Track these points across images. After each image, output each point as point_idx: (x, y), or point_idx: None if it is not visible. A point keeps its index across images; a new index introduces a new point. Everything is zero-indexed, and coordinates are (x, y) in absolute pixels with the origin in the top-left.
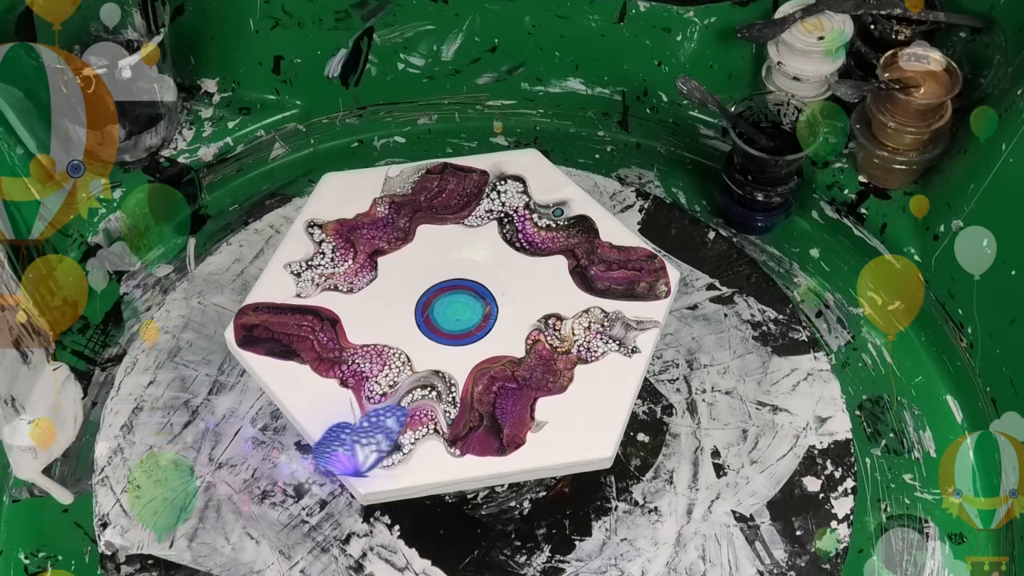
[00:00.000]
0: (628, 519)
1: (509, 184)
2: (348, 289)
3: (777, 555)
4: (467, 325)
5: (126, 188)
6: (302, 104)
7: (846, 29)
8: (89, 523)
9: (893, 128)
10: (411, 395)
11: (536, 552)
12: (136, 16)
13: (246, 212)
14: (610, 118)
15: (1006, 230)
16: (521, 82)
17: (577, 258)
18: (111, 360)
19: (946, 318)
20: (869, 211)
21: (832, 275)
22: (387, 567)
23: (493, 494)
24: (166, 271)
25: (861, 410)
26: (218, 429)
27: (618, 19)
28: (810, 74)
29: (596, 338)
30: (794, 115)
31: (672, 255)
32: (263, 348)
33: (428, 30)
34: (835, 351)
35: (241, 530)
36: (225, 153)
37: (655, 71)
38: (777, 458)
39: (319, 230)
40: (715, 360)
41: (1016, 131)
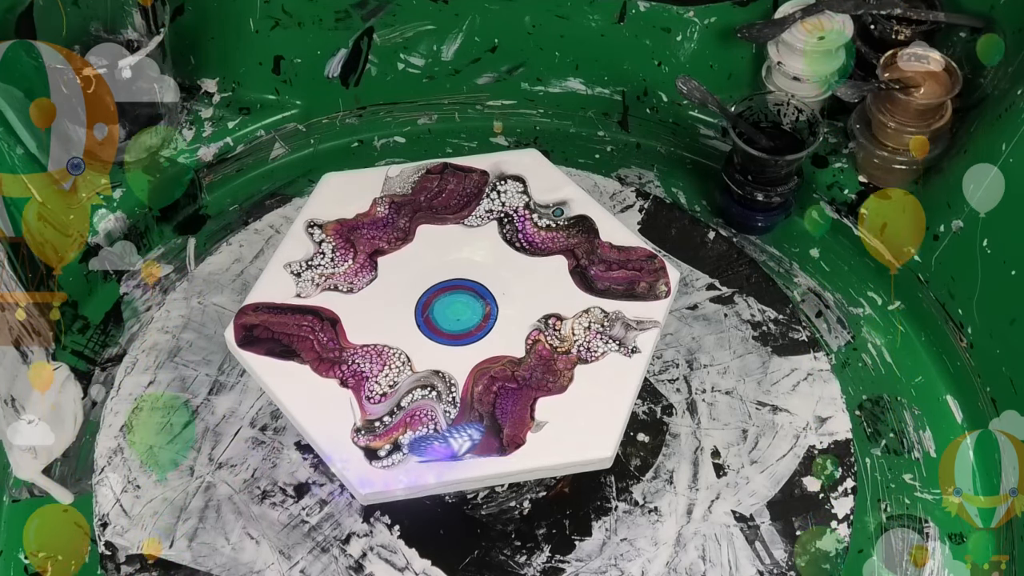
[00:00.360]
0: (628, 519)
1: (509, 184)
2: (348, 289)
3: (777, 555)
4: (467, 325)
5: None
6: (302, 104)
7: (846, 29)
8: (89, 523)
9: (893, 128)
10: (411, 395)
11: (536, 552)
12: (136, 16)
13: (246, 212)
14: (610, 118)
15: (1006, 230)
16: (521, 82)
17: (577, 258)
18: (111, 360)
19: (946, 318)
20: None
21: (832, 275)
22: (387, 567)
23: (493, 494)
24: (166, 271)
25: (861, 410)
26: (218, 429)
27: (618, 19)
28: (810, 74)
29: (596, 338)
30: (794, 115)
31: (672, 255)
32: (263, 348)
33: (428, 30)
34: (835, 351)
35: (241, 530)
36: (225, 153)
37: (655, 71)
38: (777, 458)
39: (319, 230)
40: (715, 360)
41: (1016, 131)
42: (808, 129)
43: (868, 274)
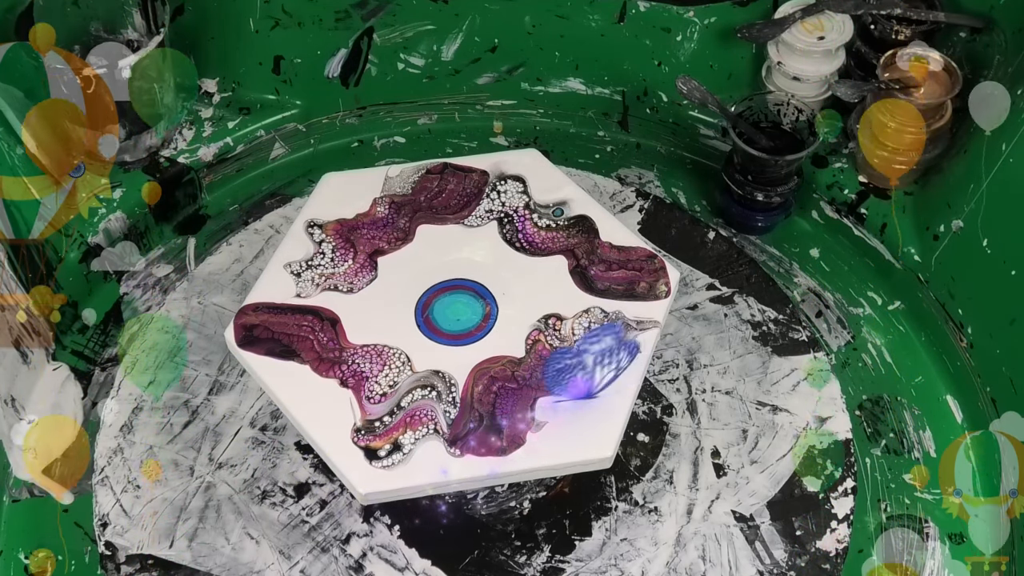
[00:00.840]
0: (628, 519)
1: (509, 184)
2: (348, 289)
3: (777, 555)
4: (467, 325)
5: (125, 187)
6: (302, 104)
7: (846, 29)
8: (89, 523)
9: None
10: (411, 395)
11: (536, 552)
12: (136, 16)
13: (246, 212)
14: (610, 118)
15: (1006, 230)
16: (521, 82)
17: (577, 258)
18: (111, 360)
19: (946, 318)
20: (869, 211)
21: (832, 275)
22: (387, 567)
23: (493, 494)
24: (166, 271)
25: (861, 410)
26: (218, 429)
27: (618, 19)
28: (810, 74)
29: None
30: (794, 115)
31: (672, 255)
32: (263, 348)
33: (428, 30)
34: (835, 351)
35: (241, 530)
36: (225, 153)
37: (655, 71)
38: (777, 458)
39: (319, 230)
40: (715, 360)
41: (1016, 131)
42: (808, 129)
43: (868, 274)
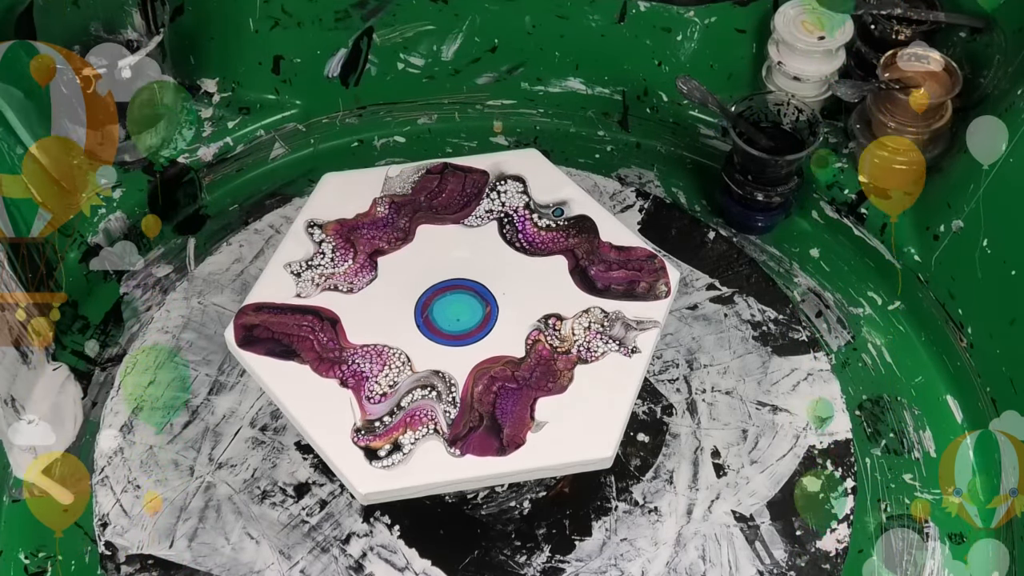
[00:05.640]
0: (628, 519)
1: (509, 184)
2: (348, 289)
3: (777, 555)
4: (467, 325)
5: (126, 188)
6: (302, 104)
7: (846, 29)
8: (89, 523)
9: (893, 128)
10: (411, 395)
11: (536, 552)
12: (136, 16)
13: (246, 212)
14: (610, 118)
15: (1006, 230)
16: (521, 82)
17: (577, 258)
18: (111, 360)
19: (946, 318)
20: (869, 211)
21: (832, 275)
22: (387, 567)
23: (493, 494)
24: (166, 271)
25: (861, 410)
26: (218, 429)
27: (618, 19)
28: (810, 74)
29: (596, 338)
30: (794, 115)
31: (672, 255)
32: (263, 348)
33: (428, 30)
34: (835, 351)
35: (241, 530)
36: (225, 153)
37: (655, 71)
38: (777, 458)
39: (319, 230)
40: (715, 360)
41: (1016, 131)
42: (808, 129)
43: (868, 274)
